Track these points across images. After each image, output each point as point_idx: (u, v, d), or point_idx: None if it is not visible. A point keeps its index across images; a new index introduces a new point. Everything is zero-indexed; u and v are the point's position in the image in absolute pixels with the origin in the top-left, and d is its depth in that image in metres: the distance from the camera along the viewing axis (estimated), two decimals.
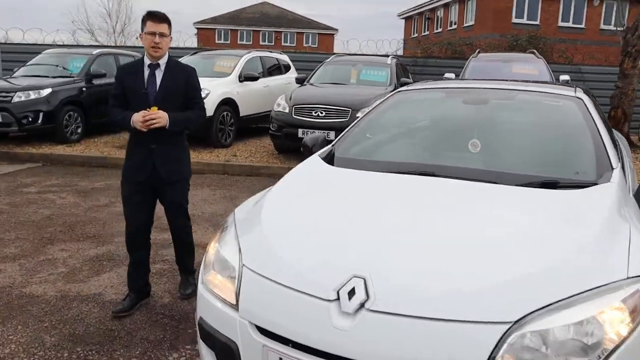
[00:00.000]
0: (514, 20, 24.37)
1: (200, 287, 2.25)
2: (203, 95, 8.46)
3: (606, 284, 1.78)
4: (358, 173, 2.79)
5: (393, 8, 55.92)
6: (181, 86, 3.31)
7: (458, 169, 2.72)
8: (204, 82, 9.07)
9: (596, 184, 2.51)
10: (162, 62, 3.27)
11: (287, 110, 8.23)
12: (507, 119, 3.30)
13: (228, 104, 9.24)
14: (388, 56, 10.56)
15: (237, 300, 2.01)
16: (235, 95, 9.42)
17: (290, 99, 8.39)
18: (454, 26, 28.72)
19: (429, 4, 31.92)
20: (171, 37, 3.31)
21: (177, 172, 3.38)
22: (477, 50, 11.04)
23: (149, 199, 3.41)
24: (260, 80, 10.22)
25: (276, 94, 9.52)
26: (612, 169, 2.66)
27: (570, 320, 1.69)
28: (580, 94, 3.33)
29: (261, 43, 46.69)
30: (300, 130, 7.92)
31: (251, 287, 2.02)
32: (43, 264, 4.16)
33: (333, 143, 3.30)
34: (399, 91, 3.69)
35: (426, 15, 32.82)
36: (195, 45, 28.40)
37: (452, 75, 9.37)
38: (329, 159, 3.02)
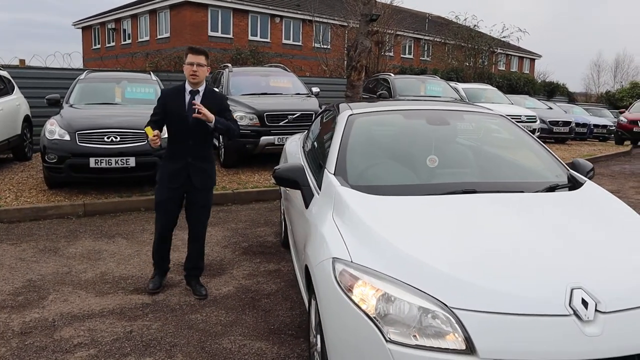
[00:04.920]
0: (210, 33, 25.42)
1: (392, 347, 2.03)
2: None
3: None
4: (419, 199, 2.81)
5: (49, 16, 50.82)
6: (215, 110, 3.83)
7: (489, 183, 3.06)
8: None
9: (582, 183, 3.15)
10: (201, 89, 3.90)
11: (67, 138, 7.00)
12: (474, 137, 3.72)
13: None
14: (149, 72, 9.93)
15: (469, 344, 1.97)
16: None
17: (66, 124, 7.18)
18: (147, 37, 28.15)
19: (112, 14, 30.44)
20: (209, 68, 3.95)
21: (206, 182, 4.03)
22: (229, 65, 11.29)
23: (178, 202, 4.05)
24: None
25: (9, 117, 8.47)
26: (568, 170, 3.35)
27: None
28: (497, 111, 3.97)
29: None
30: (92, 160, 6.88)
31: (478, 326, 2.00)
32: None
33: (333, 172, 3.11)
34: (352, 114, 3.62)
35: (109, 25, 31.18)
36: None
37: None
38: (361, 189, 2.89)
